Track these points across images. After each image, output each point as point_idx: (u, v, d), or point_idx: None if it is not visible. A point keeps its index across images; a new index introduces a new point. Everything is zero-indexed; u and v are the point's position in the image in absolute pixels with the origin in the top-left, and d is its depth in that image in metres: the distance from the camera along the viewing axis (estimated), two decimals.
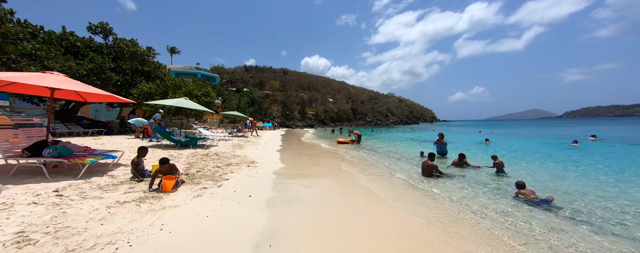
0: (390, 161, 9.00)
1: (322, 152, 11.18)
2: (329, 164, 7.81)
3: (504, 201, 4.47)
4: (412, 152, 11.56)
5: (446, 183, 5.64)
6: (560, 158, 9.85)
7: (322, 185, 5.00)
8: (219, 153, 8.24)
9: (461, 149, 12.04)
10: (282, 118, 62.34)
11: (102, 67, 12.09)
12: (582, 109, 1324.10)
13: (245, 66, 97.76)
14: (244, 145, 11.55)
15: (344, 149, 12.74)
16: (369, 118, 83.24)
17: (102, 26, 14.43)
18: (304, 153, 10.66)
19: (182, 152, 7.68)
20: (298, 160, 8.55)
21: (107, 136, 12.04)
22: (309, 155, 9.82)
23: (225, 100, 43.97)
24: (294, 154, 10.11)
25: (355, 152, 11.43)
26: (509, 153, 11.38)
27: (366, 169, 7.22)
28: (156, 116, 10.85)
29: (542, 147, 13.53)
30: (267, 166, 6.84)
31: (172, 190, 3.92)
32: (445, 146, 9.81)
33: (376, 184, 5.37)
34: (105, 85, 12.35)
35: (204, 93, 16.18)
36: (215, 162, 6.56)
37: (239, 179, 5.04)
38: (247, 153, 8.93)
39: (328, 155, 10.05)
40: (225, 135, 13.12)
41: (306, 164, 7.66)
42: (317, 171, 6.45)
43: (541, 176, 6.62)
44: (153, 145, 8.75)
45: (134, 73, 15.81)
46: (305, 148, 12.77)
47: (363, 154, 10.81)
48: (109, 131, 14.35)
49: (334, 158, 9.21)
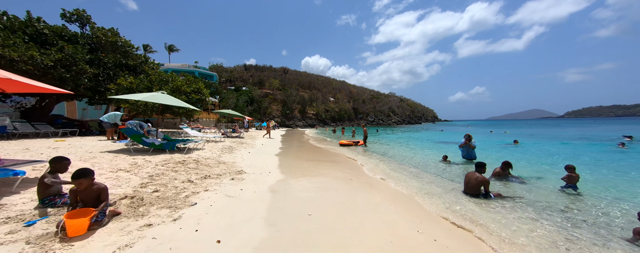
0: (416, 172, 7.41)
1: (329, 157, 9.58)
2: (341, 173, 6.22)
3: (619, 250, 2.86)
4: (431, 155, 9.97)
5: (504, 210, 4.03)
6: (629, 164, 8.14)
7: (336, 214, 3.41)
8: (200, 159, 6.65)
9: (487, 152, 10.44)
10: (282, 117, 60.78)
11: (74, 58, 10.52)
12: (583, 109, 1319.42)
13: (245, 65, 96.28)
14: (235, 148, 9.97)
15: (352, 153, 11.15)
16: (370, 118, 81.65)
17: (78, 14, 12.86)
18: (307, 157, 9.06)
19: (151, 159, 6.09)
20: (301, 167, 6.96)
21: (76, 138, 10.47)
22: (314, 161, 8.22)
23: (223, 99, 42.42)
24: (295, 159, 8.51)
25: (366, 158, 9.85)
26: (549, 157, 9.76)
27: (392, 181, 5.62)
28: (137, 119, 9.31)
29: (584, 149, 11.89)
30: (260, 178, 5.25)
31: (87, 232, 2.34)
32: (473, 150, 8.21)
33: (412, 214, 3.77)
34: (78, 78, 10.78)
35: (195, 90, 14.60)
36: (189, 173, 4.97)
37: (213, 203, 3.45)
38: (237, 159, 7.34)
39: (337, 161, 8.46)
40: (217, 136, 11.54)
41: (311, 172, 6.08)
42: (327, 185, 4.87)
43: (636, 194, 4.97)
44: (119, 150, 7.17)
45: (116, 67, 14.25)
46: (308, 151, 11.17)
47: (376, 160, 9.22)
48: (87, 131, 12.80)
49: (344, 166, 7.61)
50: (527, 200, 4.49)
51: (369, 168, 7.29)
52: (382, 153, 11.22)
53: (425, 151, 11.59)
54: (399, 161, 8.81)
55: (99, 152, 6.53)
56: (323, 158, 8.89)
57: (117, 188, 3.67)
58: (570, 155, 10.19)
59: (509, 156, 9.71)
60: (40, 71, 9.52)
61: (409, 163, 8.33)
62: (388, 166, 7.87)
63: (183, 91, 13.52)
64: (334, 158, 9.20)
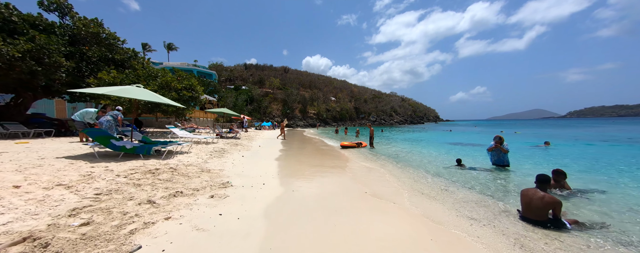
0: (443, 184, 6.18)
1: (336, 161, 8.35)
2: (353, 183, 4.99)
3: None
4: (450, 160, 8.74)
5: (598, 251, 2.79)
6: None
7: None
8: (180, 166, 5.44)
9: (516, 156, 9.19)
10: (282, 117, 59.60)
11: (47, 49, 9.33)
12: (585, 109, 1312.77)
13: (245, 64, 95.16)
14: (228, 151, 8.76)
15: (360, 157, 9.93)
16: (372, 117, 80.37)
17: (57, 2, 11.67)
18: (311, 162, 7.83)
19: (116, 167, 4.88)
20: (305, 176, 5.73)
21: (49, 139, 9.29)
22: (319, 167, 6.99)
23: (221, 98, 41.26)
24: (296, 164, 7.28)
25: (377, 162, 8.62)
26: (594, 162, 8.47)
27: (426, 200, 4.39)
28: (115, 113, 8.15)
29: (622, 152, 10.61)
30: (250, 193, 4.03)
31: None
32: (505, 155, 6.97)
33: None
34: (51, 72, 9.59)
35: (187, 86, 13.40)
36: (155, 188, 3.76)
37: (168, 245, 2.24)
38: (226, 165, 6.13)
39: (347, 168, 7.23)
40: (208, 137, 10.35)
41: (319, 182, 4.85)
42: (341, 203, 3.64)
43: None
44: (83, 154, 5.97)
45: (102, 61, 13.07)
46: (311, 154, 9.94)
47: (392, 166, 7.99)
48: (66, 132, 11.62)
49: (358, 174, 6.38)
50: (618, 229, 3.26)
51: (385, 179, 6.06)
52: (394, 156, 9.99)
53: (442, 156, 10.34)
54: (415, 167, 7.58)
55: (54, 158, 5.33)
56: (330, 163, 7.67)
57: (25, 220, 2.45)
58: (612, 159, 8.93)
59: (548, 162, 8.46)
60: (5, 63, 8.33)
61: (431, 171, 7.10)
62: (406, 174, 6.64)
63: (173, 88, 12.32)
64: (343, 163, 7.99)
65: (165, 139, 8.15)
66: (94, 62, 12.89)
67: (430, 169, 7.26)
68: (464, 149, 12.33)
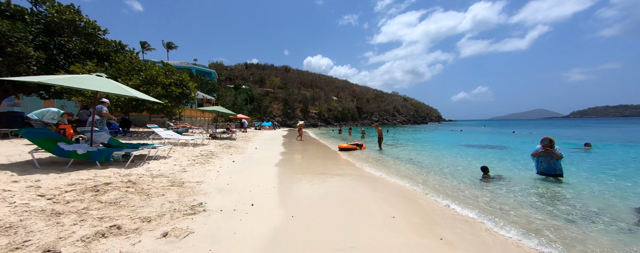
0: (488, 196, 4.85)
1: (349, 167, 7.03)
2: (377, 204, 3.66)
3: None
4: (475, 165, 7.41)
5: None
6: None
7: None
8: (144, 177, 4.13)
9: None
10: (283, 116, 58.35)
11: (10, 37, 8.07)
12: (589, 109, 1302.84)
13: (246, 64, 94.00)
14: (217, 154, 7.45)
15: (371, 165, 8.61)
16: (375, 117, 78.98)
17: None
18: (318, 169, 6.51)
19: (49, 181, 3.57)
20: (310, 191, 4.41)
21: (11, 140, 8.01)
22: (327, 177, 5.66)
23: (220, 97, 40.04)
24: (300, 173, 5.96)
25: (394, 171, 7.30)
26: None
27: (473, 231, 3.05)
28: (99, 107, 6.97)
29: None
30: (228, 225, 2.70)
31: None
32: (558, 162, 5.61)
33: None
34: (14, 63, 8.32)
35: (177, 82, 12.12)
36: (82, 220, 2.45)
37: None
38: (208, 176, 4.81)
39: (362, 176, 5.90)
40: (198, 138, 9.05)
41: (329, 201, 3.54)
42: (367, 239, 2.33)
43: None
44: (23, 161, 4.67)
45: (83, 54, 11.82)
46: (316, 157, 8.61)
47: (410, 172, 6.65)
48: None
49: (380, 184, 5.05)
50: None
51: (411, 196, 4.73)
52: (407, 160, 8.66)
53: (464, 159, 9.00)
54: (442, 175, 6.25)
55: None
56: (338, 171, 6.35)
57: None
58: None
59: (603, 168, 7.08)
60: None
61: (464, 181, 5.76)
62: (434, 186, 5.31)
63: (160, 83, 11.03)
64: (353, 170, 6.66)
65: (138, 142, 6.84)
66: (75, 55, 11.65)
67: (462, 178, 5.91)
68: (483, 152, 10.97)
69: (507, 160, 8.41)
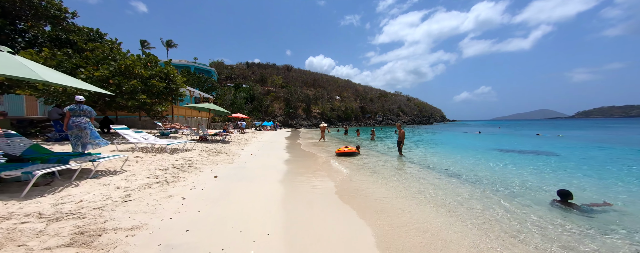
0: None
1: (376, 179, 5.12)
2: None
3: None
4: (515, 175, 5.49)
5: None
6: None
7: None
8: (28, 224, 2.27)
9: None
10: (284, 116, 56.54)
11: None
12: (594, 110, 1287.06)
13: (247, 63, 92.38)
14: (197, 165, 5.56)
15: (400, 177, 6.69)
16: (379, 117, 76.90)
17: None
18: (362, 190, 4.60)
19: None
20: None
21: None
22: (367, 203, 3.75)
23: (219, 96, 38.30)
24: (316, 206, 4.05)
25: (430, 186, 5.38)
26: None
27: None
28: (71, 108, 5.22)
29: None
30: None
31: None
32: None
33: None
34: None
35: (159, 74, 10.27)
36: None
37: None
38: (156, 214, 2.90)
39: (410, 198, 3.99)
40: (180, 142, 7.19)
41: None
42: None
43: None
44: None
45: (52, 42, 10.04)
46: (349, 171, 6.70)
47: (456, 189, 4.72)
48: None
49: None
50: None
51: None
52: (447, 171, 6.74)
53: (510, 171, 7.08)
54: (499, 195, 4.34)
55: None
56: (374, 184, 4.44)
57: None
58: None
59: None
60: None
61: (508, 193, 3.85)
62: (498, 217, 3.40)
63: (137, 75, 9.19)
64: (398, 187, 4.76)
65: (75, 151, 4.91)
66: (41, 43, 9.87)
67: (532, 203, 3.98)
68: (534, 160, 8.99)
69: (591, 176, 6.27)
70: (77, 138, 5.75)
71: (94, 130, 5.89)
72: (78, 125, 5.85)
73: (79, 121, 5.85)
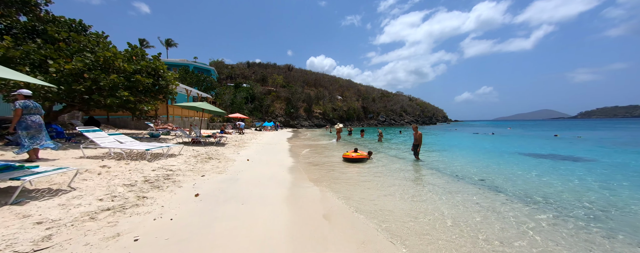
0: None
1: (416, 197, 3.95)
2: None
3: None
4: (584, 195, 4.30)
5: None
6: None
7: None
8: None
9: None
10: (286, 116, 55.44)
11: None
12: (597, 110, 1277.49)
13: (248, 63, 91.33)
14: (177, 177, 4.40)
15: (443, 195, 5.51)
16: (381, 117, 75.66)
17: None
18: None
19: None
20: None
21: None
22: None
23: (218, 95, 37.24)
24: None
25: (474, 207, 4.21)
26: None
27: None
28: (25, 105, 4.17)
29: None
30: None
31: None
32: None
33: None
34: None
35: (144, 69, 9.14)
36: None
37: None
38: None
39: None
40: (163, 146, 6.05)
41: None
42: None
43: None
44: None
45: (25, 33, 8.97)
46: (349, 180, 5.52)
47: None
48: None
49: None
50: None
51: None
52: (482, 182, 5.58)
53: (578, 182, 5.90)
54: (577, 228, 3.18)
55: None
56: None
57: None
58: None
59: None
60: None
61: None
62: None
63: (119, 70, 8.06)
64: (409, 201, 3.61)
65: (5, 162, 3.73)
66: (14, 34, 8.79)
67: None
68: (571, 166, 7.80)
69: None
70: (33, 139, 4.69)
71: (46, 131, 4.84)
72: (38, 124, 4.85)
73: (37, 119, 4.81)
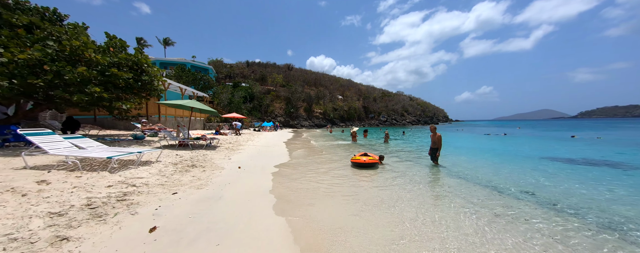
0: None
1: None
2: None
3: None
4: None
5: None
6: None
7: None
8: None
9: None
10: (285, 116, 54.30)
11: None
12: (597, 110, 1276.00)
13: (248, 62, 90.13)
14: (133, 195, 3.26)
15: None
16: (383, 117, 74.54)
17: None
18: None
19: None
20: None
21: None
22: None
23: (215, 94, 36.10)
24: None
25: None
26: None
27: None
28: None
29: None
30: None
31: None
32: None
33: None
34: None
35: (124, 62, 8.02)
36: None
37: None
38: None
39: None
40: (136, 152, 4.94)
41: None
42: None
43: None
44: None
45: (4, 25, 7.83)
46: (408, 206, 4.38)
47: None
48: None
49: None
50: None
51: None
52: (535, 198, 4.46)
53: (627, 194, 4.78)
54: None
55: None
56: None
57: None
58: None
59: None
60: None
61: None
62: None
63: (89, 61, 6.92)
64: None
65: None
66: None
67: None
68: (615, 174, 6.68)
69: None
70: None
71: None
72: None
73: None
